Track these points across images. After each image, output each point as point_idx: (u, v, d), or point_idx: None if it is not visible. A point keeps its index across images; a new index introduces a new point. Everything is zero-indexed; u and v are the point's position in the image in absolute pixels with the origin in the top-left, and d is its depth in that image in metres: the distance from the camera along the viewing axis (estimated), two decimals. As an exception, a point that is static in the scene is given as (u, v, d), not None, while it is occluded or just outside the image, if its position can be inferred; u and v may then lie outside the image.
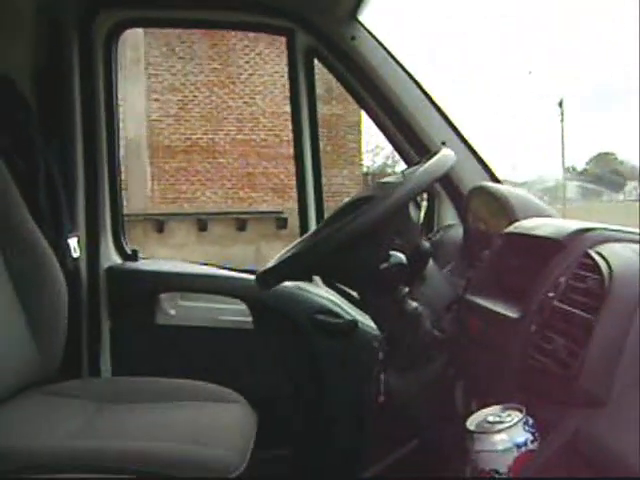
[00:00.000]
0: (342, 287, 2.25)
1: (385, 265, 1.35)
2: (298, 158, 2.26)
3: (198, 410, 1.79)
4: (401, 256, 1.37)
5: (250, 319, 2.24)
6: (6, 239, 1.86)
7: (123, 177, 2.34)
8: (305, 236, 1.75)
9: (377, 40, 2.14)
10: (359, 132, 13.11)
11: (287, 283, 1.99)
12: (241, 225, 11.52)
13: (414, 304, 1.40)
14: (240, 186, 12.23)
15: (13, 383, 1.80)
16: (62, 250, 2.08)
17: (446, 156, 1.52)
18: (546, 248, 1.20)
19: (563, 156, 18.35)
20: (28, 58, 2.23)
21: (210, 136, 12.23)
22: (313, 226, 2.20)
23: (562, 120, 18.10)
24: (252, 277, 2.22)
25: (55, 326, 1.90)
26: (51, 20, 2.26)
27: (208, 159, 12.15)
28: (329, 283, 2.25)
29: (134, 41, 11.00)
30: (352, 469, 2.04)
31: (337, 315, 2.18)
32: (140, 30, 11.09)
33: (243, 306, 2.24)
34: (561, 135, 18.00)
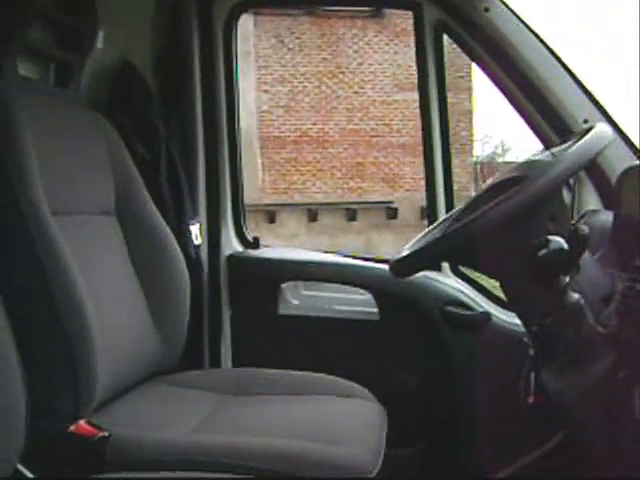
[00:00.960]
0: (470, 276, 2.13)
1: (544, 251, 1.22)
2: (426, 142, 2.13)
3: (326, 405, 1.70)
4: (562, 241, 1.23)
5: (376, 310, 2.13)
6: (129, 225, 1.82)
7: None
8: (440, 222, 1.63)
9: (512, 11, 1.98)
10: (471, 120, 12.82)
11: (415, 272, 1.88)
12: (351, 215, 11.48)
13: (576, 296, 1.26)
14: (350, 176, 12.17)
15: (136, 372, 1.76)
16: (184, 237, 2.03)
17: (603, 132, 1.37)
18: None
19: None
20: (149, 43, 2.20)
21: (320, 126, 12.22)
22: (442, 215, 2.07)
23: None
24: (378, 266, 2.14)
25: (178, 314, 1.86)
26: (171, 3, 2.22)
27: (318, 149, 12.15)
28: (458, 272, 2.13)
29: (244, 34, 11.10)
30: (484, 468, 1.92)
31: (469, 307, 2.05)
32: (250, 22, 11.19)
33: (368, 296, 2.14)
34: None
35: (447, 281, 2.10)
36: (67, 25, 1.83)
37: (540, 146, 2.06)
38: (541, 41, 1.97)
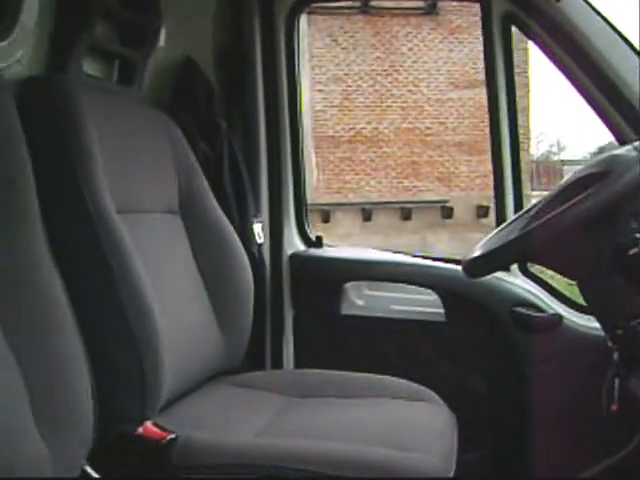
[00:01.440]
0: (539, 277, 2.05)
1: (635, 250, 1.15)
2: (494, 139, 2.05)
3: (392, 408, 1.66)
4: None
5: (442, 310, 2.08)
6: (192, 224, 1.80)
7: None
8: (512, 220, 1.57)
9: (586, 1, 1.90)
10: (528, 117, 12.61)
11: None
12: (406, 214, 11.39)
13: None
14: (405, 175, 12.08)
15: (200, 372, 1.74)
16: (247, 236, 2.01)
17: None
18: None
19: None
20: (210, 40, 2.18)
21: (374, 125, 12.16)
22: (511, 214, 1.99)
23: None
24: (444, 265, 2.09)
25: (241, 313, 1.83)
26: (233, 0, 2.20)
27: (372, 148, 12.09)
28: (527, 272, 2.06)
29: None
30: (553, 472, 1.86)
31: (539, 308, 1.98)
32: (304, 21, 11.19)
33: (434, 296, 2.08)
34: None
35: (516, 281, 2.03)
36: (130, 22, 1.82)
37: (604, 141, 1.98)
38: (616, 31, 1.89)
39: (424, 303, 2.12)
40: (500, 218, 2.02)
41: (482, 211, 11.14)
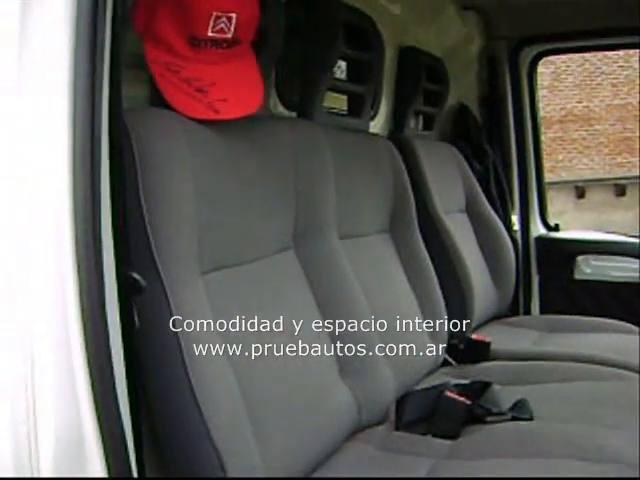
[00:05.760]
0: None
1: None
2: None
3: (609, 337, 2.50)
4: None
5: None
6: (475, 220, 2.77)
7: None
8: None
9: None
10: None
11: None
12: (620, 191, 11.55)
13: None
14: (618, 151, 12.27)
15: (489, 313, 2.70)
16: (507, 225, 2.96)
17: None
18: None
19: None
20: (475, 88, 3.14)
21: (585, 104, 12.40)
22: None
23: None
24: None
25: (509, 276, 2.79)
26: (489, 59, 3.13)
27: (584, 127, 12.36)
28: None
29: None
30: None
31: None
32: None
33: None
34: None
35: None
36: (431, 90, 2.79)
37: None
38: None
39: (633, 270, 2.94)
40: None
41: (699, 184, 11.07)
